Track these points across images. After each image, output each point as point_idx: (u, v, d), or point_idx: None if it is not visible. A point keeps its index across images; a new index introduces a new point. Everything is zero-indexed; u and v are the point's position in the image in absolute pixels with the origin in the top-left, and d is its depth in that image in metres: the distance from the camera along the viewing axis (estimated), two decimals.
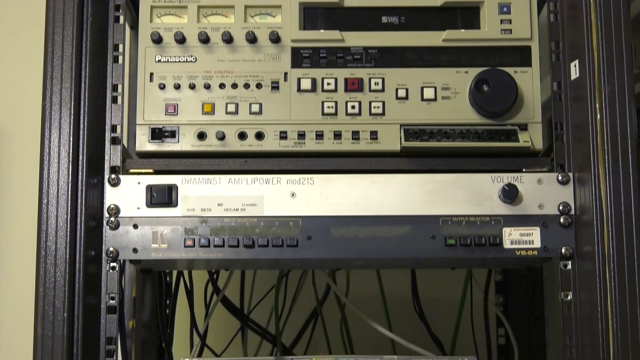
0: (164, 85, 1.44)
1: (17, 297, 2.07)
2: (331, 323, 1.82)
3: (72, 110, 1.35)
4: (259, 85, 1.44)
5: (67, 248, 1.32)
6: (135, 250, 1.38)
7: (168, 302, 1.82)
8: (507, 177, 1.40)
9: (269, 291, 1.86)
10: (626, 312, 1.28)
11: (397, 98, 1.43)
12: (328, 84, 1.43)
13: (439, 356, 1.44)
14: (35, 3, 1.98)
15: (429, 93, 1.43)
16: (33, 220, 1.33)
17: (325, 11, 1.46)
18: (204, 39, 1.44)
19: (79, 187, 1.35)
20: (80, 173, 1.35)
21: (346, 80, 1.44)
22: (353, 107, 1.43)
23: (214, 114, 1.43)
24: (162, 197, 1.39)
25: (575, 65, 1.38)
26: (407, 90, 1.43)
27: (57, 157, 1.34)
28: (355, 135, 1.42)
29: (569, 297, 1.37)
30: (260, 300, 1.88)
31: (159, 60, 1.44)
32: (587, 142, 1.33)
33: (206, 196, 1.39)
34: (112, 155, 1.41)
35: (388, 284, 1.77)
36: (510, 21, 1.45)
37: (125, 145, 1.45)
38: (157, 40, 1.44)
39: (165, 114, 1.43)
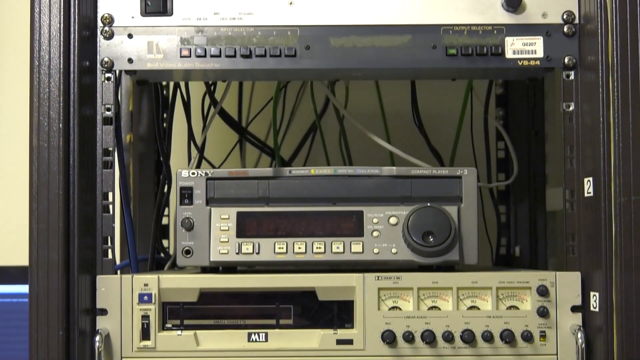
0: None
1: (14, 101, 2.07)
2: (330, 136, 1.82)
3: None
4: None
5: (61, 58, 1.30)
6: (130, 61, 1.36)
7: (165, 115, 1.81)
8: None
9: (267, 103, 1.84)
10: (628, 122, 1.27)
11: None
12: None
13: (438, 167, 1.44)
14: None
15: None
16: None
17: None
18: None
19: None
20: None
21: None
22: None
23: None
24: (157, 5, 1.36)
25: None
26: None
27: None
28: None
29: (570, 108, 1.36)
30: (258, 113, 1.86)
31: None
32: None
33: (202, 4, 1.36)
34: None
35: (387, 98, 1.76)
36: None
37: None
38: None
39: None
